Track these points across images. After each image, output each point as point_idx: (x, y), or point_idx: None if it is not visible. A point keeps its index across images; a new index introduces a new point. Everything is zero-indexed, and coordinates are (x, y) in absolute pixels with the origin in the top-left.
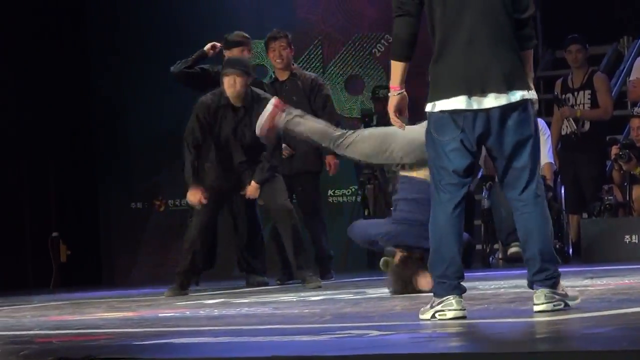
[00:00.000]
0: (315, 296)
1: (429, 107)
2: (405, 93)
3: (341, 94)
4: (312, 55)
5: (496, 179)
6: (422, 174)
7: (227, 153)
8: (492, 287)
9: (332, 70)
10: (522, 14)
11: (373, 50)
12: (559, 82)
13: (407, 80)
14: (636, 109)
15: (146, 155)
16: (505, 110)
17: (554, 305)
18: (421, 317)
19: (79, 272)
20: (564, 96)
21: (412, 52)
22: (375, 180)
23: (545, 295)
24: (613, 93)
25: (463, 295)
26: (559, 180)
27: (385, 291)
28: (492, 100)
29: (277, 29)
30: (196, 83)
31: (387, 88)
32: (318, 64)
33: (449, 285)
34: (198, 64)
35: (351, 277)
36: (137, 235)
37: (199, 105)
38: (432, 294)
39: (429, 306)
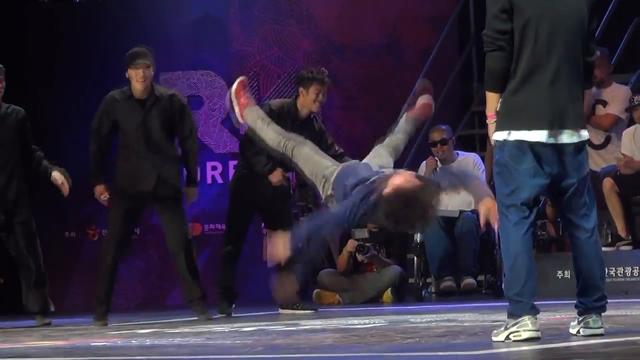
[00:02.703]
0: (248, 327)
1: (502, 135)
2: None
3: None
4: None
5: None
6: None
7: (134, 151)
8: (424, 320)
9: (267, 102)
10: (590, 57)
11: None
12: None
13: (340, 115)
14: None
15: (80, 184)
16: (575, 148)
17: (604, 331)
18: (494, 339)
19: (11, 301)
20: None
21: (505, 83)
22: (308, 212)
23: (601, 321)
24: None
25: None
26: None
27: (318, 323)
28: (567, 137)
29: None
30: None
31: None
32: (253, 96)
33: (526, 304)
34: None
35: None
36: (70, 264)
37: (105, 101)
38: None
39: (502, 328)
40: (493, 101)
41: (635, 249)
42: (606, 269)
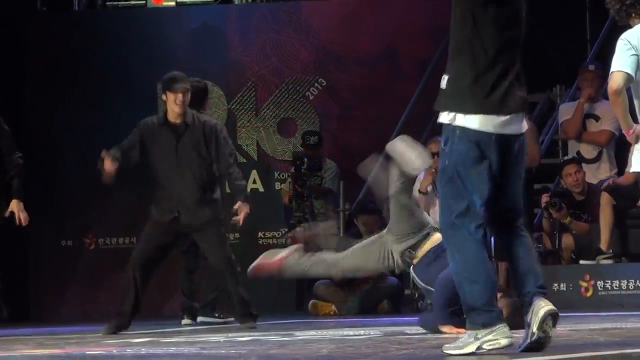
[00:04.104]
0: (243, 337)
1: (464, 121)
2: None
3: (274, 136)
4: (246, 97)
5: None
6: None
7: (169, 180)
8: (419, 332)
9: (265, 112)
10: None
11: (306, 93)
12: None
13: (337, 125)
14: (567, 157)
15: (77, 193)
16: (520, 139)
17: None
18: (457, 352)
19: (7, 309)
20: None
21: None
22: (305, 223)
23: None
24: (545, 141)
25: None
26: None
27: (313, 334)
28: (518, 127)
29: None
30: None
31: (317, 134)
32: (251, 105)
33: (496, 312)
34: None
35: (279, 319)
36: (67, 273)
37: (141, 125)
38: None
39: (469, 339)
40: None
41: (631, 262)
42: (602, 281)
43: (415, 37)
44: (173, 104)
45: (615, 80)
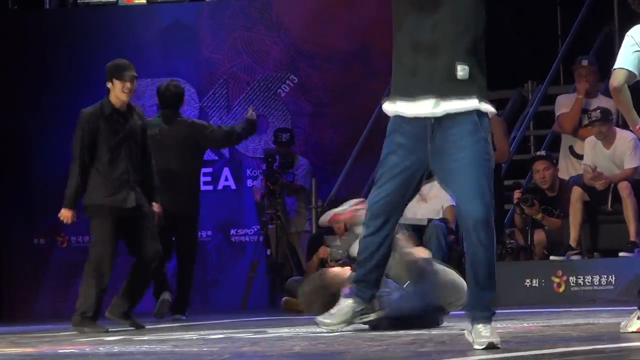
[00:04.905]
0: (215, 335)
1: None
2: None
3: None
4: (217, 95)
5: None
6: None
7: (116, 163)
8: (392, 328)
9: (236, 109)
10: None
11: (278, 91)
12: None
13: (309, 122)
14: (539, 152)
15: (49, 191)
16: None
17: None
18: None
19: None
20: None
21: None
22: (277, 220)
23: None
24: (517, 137)
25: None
26: None
27: (285, 331)
28: None
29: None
30: None
31: (289, 131)
32: (223, 103)
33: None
34: None
35: (252, 317)
36: (39, 271)
37: (82, 117)
38: None
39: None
40: None
41: (603, 257)
42: (575, 277)
43: (387, 34)
44: (120, 92)
45: (615, 78)
